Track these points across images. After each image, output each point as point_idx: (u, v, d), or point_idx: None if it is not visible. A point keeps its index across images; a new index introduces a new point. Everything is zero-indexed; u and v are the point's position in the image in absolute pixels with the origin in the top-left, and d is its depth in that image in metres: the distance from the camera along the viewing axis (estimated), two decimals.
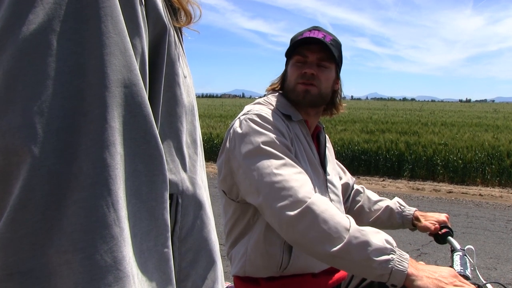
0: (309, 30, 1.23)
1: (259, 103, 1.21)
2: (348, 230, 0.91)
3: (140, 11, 0.35)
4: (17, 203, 0.27)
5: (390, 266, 0.89)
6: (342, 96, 1.31)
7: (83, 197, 0.28)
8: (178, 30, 0.45)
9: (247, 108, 1.17)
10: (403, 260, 0.91)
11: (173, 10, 0.44)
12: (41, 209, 0.27)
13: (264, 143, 1.03)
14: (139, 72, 0.34)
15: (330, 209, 0.94)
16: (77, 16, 0.30)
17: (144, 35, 0.36)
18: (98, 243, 0.29)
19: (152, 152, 0.35)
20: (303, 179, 0.99)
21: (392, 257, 0.90)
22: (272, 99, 1.22)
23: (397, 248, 0.93)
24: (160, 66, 0.39)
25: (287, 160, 1.02)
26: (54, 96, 0.28)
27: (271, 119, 1.09)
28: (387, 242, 0.92)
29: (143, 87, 0.34)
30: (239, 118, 1.12)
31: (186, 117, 0.44)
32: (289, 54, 1.23)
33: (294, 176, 0.98)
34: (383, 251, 0.90)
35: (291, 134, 1.13)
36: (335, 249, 0.90)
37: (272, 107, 1.17)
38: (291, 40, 1.25)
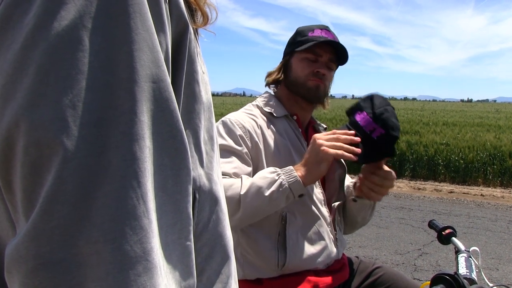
0: (320, 28, 1.24)
1: (242, 111, 1.26)
2: (239, 192, 0.99)
3: (165, 9, 0.36)
4: (49, 195, 0.28)
5: (285, 185, 1.00)
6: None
7: (113, 189, 0.29)
8: (195, 31, 0.46)
9: (227, 115, 1.23)
10: (290, 172, 1.02)
11: (191, 11, 0.44)
12: (72, 200, 0.28)
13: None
14: (166, 68, 0.34)
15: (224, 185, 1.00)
16: (107, 13, 0.31)
17: (168, 32, 0.37)
18: (128, 234, 0.29)
19: (178, 146, 0.35)
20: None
21: (281, 178, 1.01)
22: (257, 104, 1.27)
23: (280, 169, 1.03)
24: (182, 63, 0.40)
25: (227, 171, 1.06)
26: (85, 90, 0.29)
27: (232, 127, 1.14)
28: (270, 172, 1.03)
29: (170, 82, 0.35)
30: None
31: (204, 114, 0.44)
32: (296, 47, 1.23)
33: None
34: (271, 181, 1.00)
35: (262, 133, 1.17)
36: (239, 214, 0.98)
37: (252, 113, 1.22)
38: (300, 33, 1.25)
